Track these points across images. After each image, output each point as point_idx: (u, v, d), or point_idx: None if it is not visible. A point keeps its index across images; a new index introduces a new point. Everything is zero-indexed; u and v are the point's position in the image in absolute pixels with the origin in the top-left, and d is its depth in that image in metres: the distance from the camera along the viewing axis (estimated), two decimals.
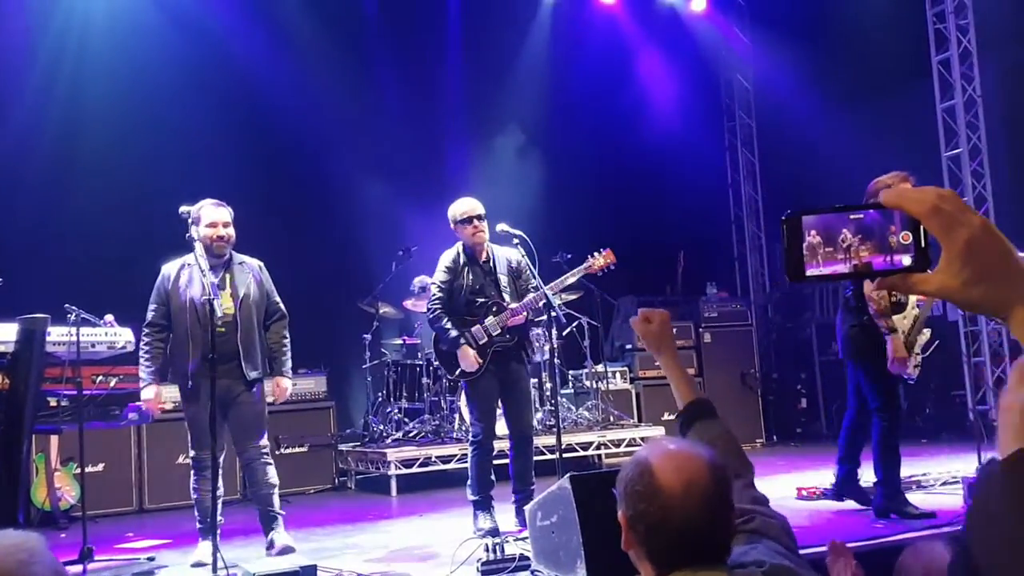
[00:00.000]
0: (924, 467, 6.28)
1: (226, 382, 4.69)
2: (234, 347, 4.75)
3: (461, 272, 5.33)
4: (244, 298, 4.83)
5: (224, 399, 4.69)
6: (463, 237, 5.36)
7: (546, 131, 10.17)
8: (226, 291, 4.80)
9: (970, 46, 9.65)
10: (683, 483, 1.56)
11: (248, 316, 4.84)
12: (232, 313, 4.77)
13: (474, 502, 5.22)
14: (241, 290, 4.84)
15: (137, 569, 4.50)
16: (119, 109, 8.00)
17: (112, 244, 7.48)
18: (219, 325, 4.59)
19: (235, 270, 4.89)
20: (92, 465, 6.57)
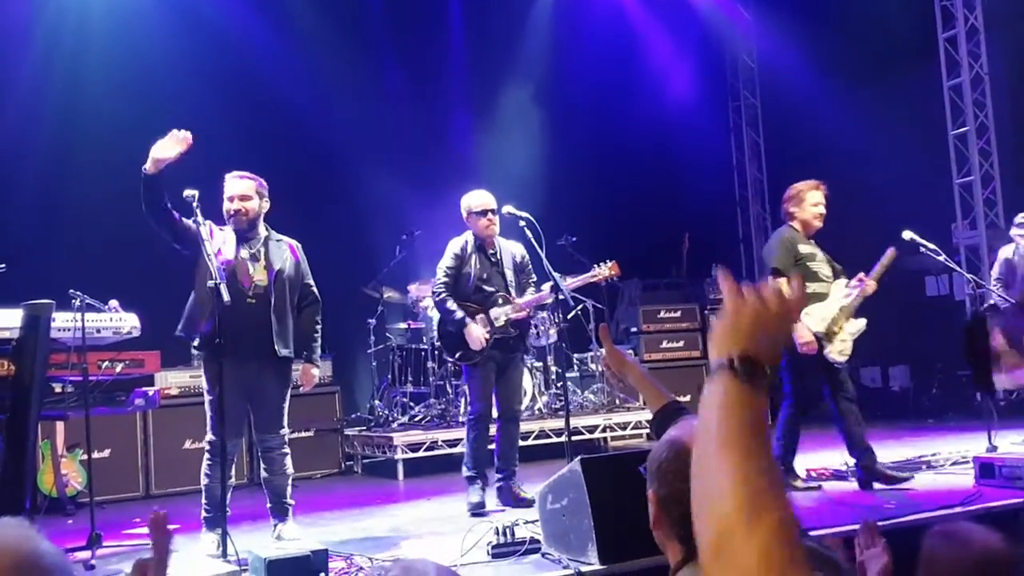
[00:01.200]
0: (933, 447, 6.26)
1: (255, 361, 4.60)
2: (266, 320, 4.63)
3: (468, 260, 5.51)
4: (279, 273, 4.72)
5: (249, 380, 4.61)
6: (475, 228, 5.54)
7: (550, 113, 10.11)
8: (260, 262, 4.69)
9: (977, 23, 9.57)
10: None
11: (282, 291, 4.72)
12: (265, 285, 4.67)
13: (468, 477, 5.41)
14: (276, 264, 4.73)
15: (146, 554, 4.48)
16: (121, 94, 7.94)
17: (116, 230, 7.43)
18: (249, 296, 4.55)
19: (271, 245, 4.79)
20: (98, 451, 6.57)
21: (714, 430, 1.01)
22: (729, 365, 1.06)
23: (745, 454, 0.98)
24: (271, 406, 4.74)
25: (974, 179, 9.59)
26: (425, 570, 1.20)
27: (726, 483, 0.96)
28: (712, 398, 1.06)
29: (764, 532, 0.91)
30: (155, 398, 5.25)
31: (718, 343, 1.11)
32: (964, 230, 9.67)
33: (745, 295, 1.12)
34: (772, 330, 1.11)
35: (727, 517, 0.93)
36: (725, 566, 0.91)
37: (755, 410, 1.03)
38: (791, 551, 0.91)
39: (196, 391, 6.83)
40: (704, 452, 1.01)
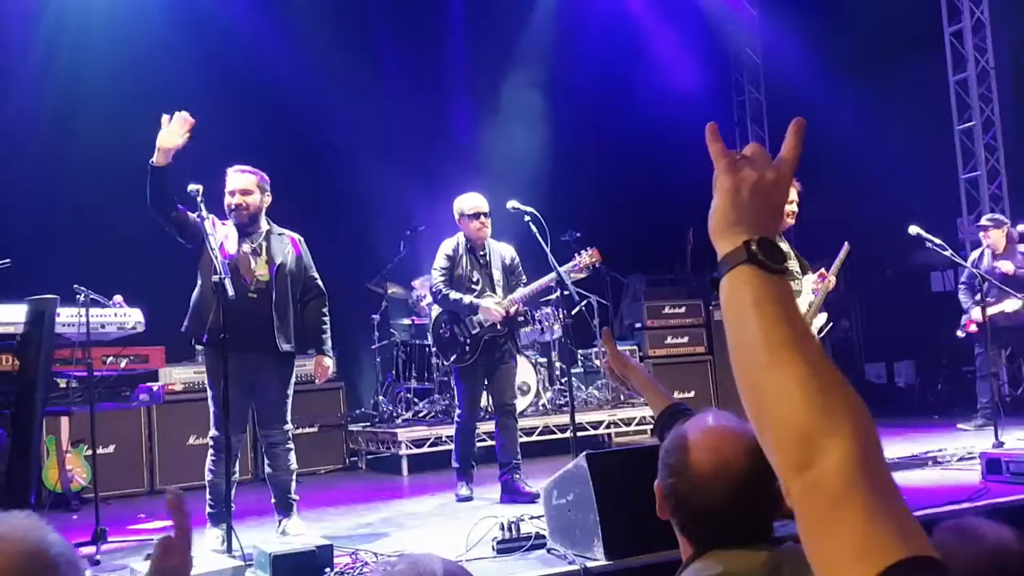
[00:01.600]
0: (939, 443, 6.23)
1: (257, 356, 4.60)
2: (268, 315, 4.62)
3: (460, 262, 5.66)
4: (281, 266, 4.71)
5: (251, 375, 4.61)
6: (467, 231, 5.69)
7: (553, 108, 10.08)
8: (261, 257, 4.69)
9: (983, 18, 9.53)
10: (715, 464, 1.52)
11: (284, 286, 4.71)
12: (267, 280, 4.66)
13: (456, 470, 5.74)
14: (278, 258, 4.72)
15: (150, 550, 4.48)
16: (123, 89, 7.92)
17: (121, 225, 7.43)
18: (251, 290, 4.55)
19: (273, 239, 4.78)
20: (103, 447, 6.56)
21: (757, 335, 0.89)
22: (749, 254, 0.93)
23: (802, 353, 0.87)
24: (273, 401, 4.73)
25: (980, 174, 9.56)
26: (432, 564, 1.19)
27: (794, 391, 0.85)
28: (739, 298, 0.93)
29: (850, 433, 0.82)
30: (159, 393, 5.25)
31: (723, 230, 0.98)
32: (970, 225, 9.63)
33: (741, 166, 1.00)
34: (775, 202, 1.00)
35: (803, 425, 0.83)
36: (813, 481, 0.81)
37: (792, 300, 0.92)
38: (879, 452, 0.83)
39: (200, 387, 6.83)
40: (751, 366, 0.89)
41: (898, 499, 0.81)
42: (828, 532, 0.80)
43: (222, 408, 4.37)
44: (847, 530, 0.78)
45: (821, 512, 0.80)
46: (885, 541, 0.77)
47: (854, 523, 0.78)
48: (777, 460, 0.86)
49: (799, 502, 0.83)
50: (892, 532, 0.77)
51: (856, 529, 0.78)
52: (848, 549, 0.77)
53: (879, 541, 0.77)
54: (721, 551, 1.49)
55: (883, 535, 0.77)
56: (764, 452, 0.88)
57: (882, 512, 0.79)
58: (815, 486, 0.81)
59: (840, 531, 0.79)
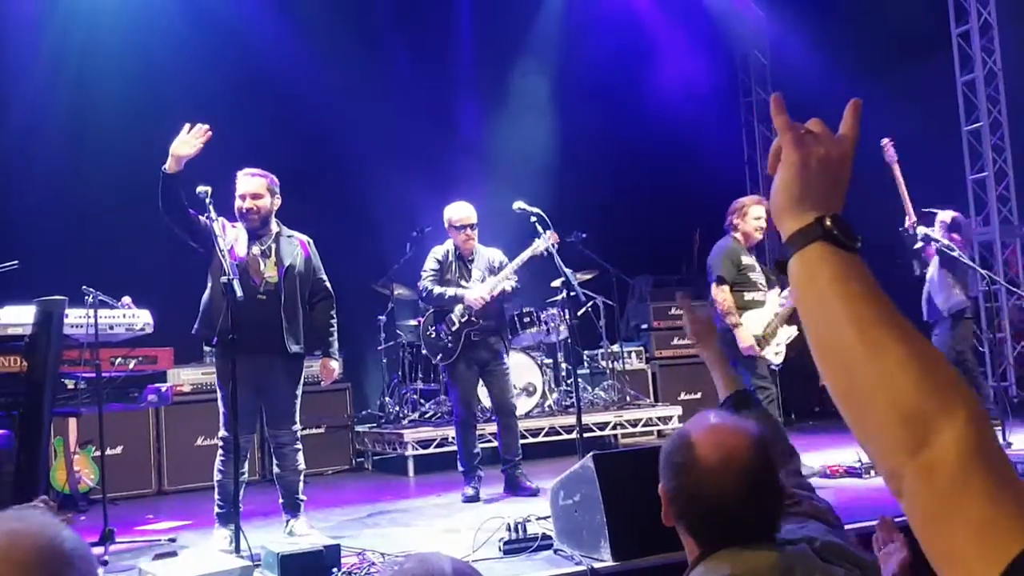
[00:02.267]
0: None
1: (266, 357, 4.62)
2: (276, 317, 4.65)
3: (449, 267, 5.86)
4: (289, 268, 4.74)
5: (260, 376, 4.63)
6: (455, 240, 5.88)
7: (560, 109, 10.08)
8: (271, 259, 4.72)
9: (991, 19, 9.51)
10: (721, 458, 1.53)
11: (292, 287, 4.74)
12: (276, 281, 4.69)
13: (463, 472, 5.82)
14: (287, 260, 4.75)
15: (159, 550, 4.50)
16: (133, 89, 7.95)
17: (129, 226, 7.46)
18: (260, 292, 4.58)
19: (282, 241, 4.81)
20: (111, 448, 6.59)
21: (842, 316, 0.84)
22: (824, 230, 0.88)
23: (899, 331, 0.82)
24: (282, 402, 4.75)
25: (987, 175, 9.53)
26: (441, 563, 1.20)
27: (897, 371, 0.80)
28: (816, 278, 0.87)
29: (965, 410, 0.78)
30: (168, 395, 5.27)
31: (790, 207, 0.93)
32: (977, 226, 9.61)
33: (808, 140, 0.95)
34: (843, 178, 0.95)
35: (913, 405, 0.78)
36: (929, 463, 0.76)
37: (872, 278, 0.87)
38: (992, 431, 0.79)
39: (208, 388, 6.85)
40: (839, 348, 0.84)
41: (1018, 481, 0.76)
42: (950, 516, 0.74)
43: (231, 409, 4.39)
44: (970, 514, 0.73)
45: (940, 495, 0.75)
46: (1013, 524, 0.72)
47: (978, 505, 0.73)
48: (882, 445, 0.81)
49: (913, 486, 0.78)
50: (1017, 516, 0.73)
51: (980, 511, 0.73)
52: (973, 532, 0.73)
53: (1005, 525, 0.72)
54: (728, 552, 1.50)
55: (1009, 517, 0.72)
56: (863, 442, 0.83)
57: (1004, 495, 0.74)
58: (932, 468, 0.76)
59: (962, 515, 0.74)
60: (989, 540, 0.72)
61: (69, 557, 1.04)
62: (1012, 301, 9.29)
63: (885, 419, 0.80)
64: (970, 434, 0.76)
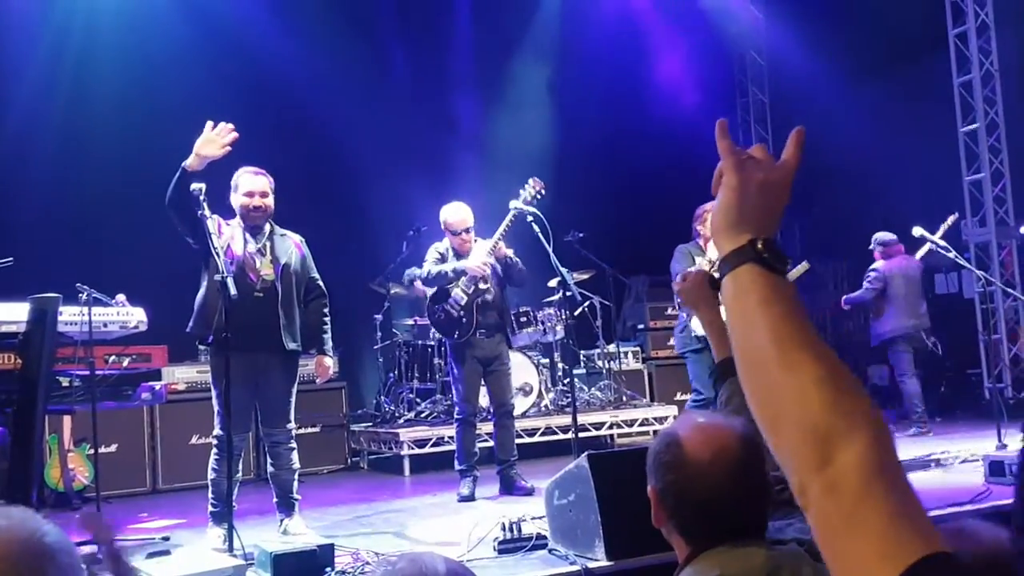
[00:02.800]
0: (943, 446, 6.22)
1: (262, 355, 4.62)
2: (274, 314, 4.65)
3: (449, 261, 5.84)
4: (285, 266, 4.75)
5: (256, 374, 4.62)
6: (452, 241, 5.87)
7: (557, 109, 10.08)
8: (266, 257, 4.72)
9: (988, 20, 9.51)
10: (711, 453, 1.54)
11: (289, 285, 4.75)
12: (272, 279, 4.69)
13: (460, 471, 5.80)
14: (282, 258, 4.75)
15: (151, 549, 4.48)
16: (128, 88, 7.94)
17: (124, 224, 7.44)
18: (257, 290, 4.57)
19: (276, 239, 4.82)
20: (105, 446, 6.56)
21: (766, 335, 0.89)
22: (755, 253, 0.93)
23: (816, 352, 0.87)
24: (278, 400, 4.74)
25: (984, 176, 9.54)
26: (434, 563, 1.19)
27: (811, 391, 0.85)
28: (744, 298, 0.92)
29: (868, 431, 0.82)
30: (162, 393, 5.26)
31: (727, 228, 0.96)
32: (974, 227, 9.61)
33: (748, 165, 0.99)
34: (779, 204, 0.99)
35: (821, 424, 0.83)
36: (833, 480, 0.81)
37: (797, 300, 0.91)
38: (895, 452, 0.84)
39: (203, 386, 6.84)
40: (762, 366, 0.89)
41: (915, 497, 0.81)
42: (850, 531, 0.79)
43: (225, 407, 4.38)
44: (869, 528, 0.78)
45: (842, 511, 0.80)
46: (906, 539, 0.77)
47: (876, 521, 0.78)
48: (794, 461, 0.85)
49: (818, 502, 0.82)
50: (913, 530, 0.78)
51: (879, 527, 0.78)
52: (871, 547, 0.77)
53: (901, 539, 0.77)
54: (717, 552, 1.50)
55: (905, 533, 0.77)
56: (777, 454, 0.87)
57: (902, 510, 0.79)
58: (835, 485, 0.81)
59: (862, 530, 0.78)
60: (886, 553, 0.76)
61: (51, 552, 1.03)
62: (1008, 302, 9.30)
63: (796, 435, 0.85)
64: (872, 453, 0.81)
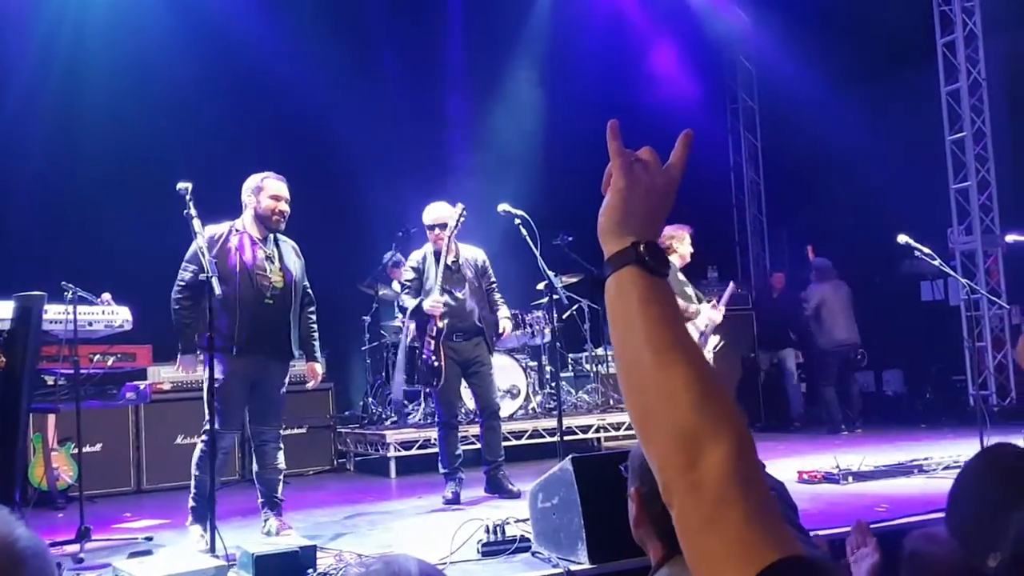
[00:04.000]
0: (925, 452, 6.26)
1: (262, 358, 4.68)
2: (284, 321, 4.75)
3: (428, 272, 5.82)
4: (293, 274, 4.83)
5: (255, 373, 4.68)
6: (430, 239, 5.88)
7: (546, 112, 10.10)
8: (275, 264, 4.77)
9: (975, 29, 9.58)
10: None
11: (296, 293, 4.84)
12: (282, 287, 4.76)
13: (444, 474, 5.81)
14: (291, 266, 4.84)
15: (134, 549, 4.47)
16: (117, 87, 7.91)
17: (110, 223, 7.42)
18: (267, 296, 4.64)
19: (282, 246, 4.88)
20: (90, 445, 6.54)
21: (642, 336, 0.91)
22: (637, 255, 0.94)
23: (687, 355, 0.89)
24: (274, 400, 4.82)
25: (970, 184, 9.60)
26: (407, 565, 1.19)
27: (681, 392, 0.87)
28: (624, 299, 0.94)
29: (732, 436, 0.85)
30: (146, 392, 5.24)
31: (611, 230, 0.98)
32: (960, 235, 9.67)
33: (635, 168, 1.01)
34: (663, 207, 1.01)
35: (689, 426, 0.85)
36: (698, 480, 0.84)
37: (675, 303, 0.94)
38: (756, 457, 0.86)
39: (188, 386, 6.82)
40: (637, 366, 0.91)
41: (773, 503, 0.84)
42: (709, 531, 0.82)
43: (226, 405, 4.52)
44: (727, 530, 0.81)
45: (703, 511, 0.83)
46: (762, 542, 0.80)
47: (735, 522, 0.81)
48: (662, 460, 0.87)
49: (683, 501, 0.85)
50: (768, 534, 0.81)
51: (737, 528, 0.81)
52: (728, 548, 0.80)
53: (757, 541, 0.80)
54: None
55: (761, 536, 0.80)
56: (647, 452, 0.90)
57: (759, 514, 0.82)
58: (698, 485, 0.84)
59: (721, 531, 0.81)
60: (742, 554, 0.80)
61: (21, 555, 1.03)
62: (993, 309, 9.35)
63: (665, 436, 0.87)
64: (734, 457, 0.84)
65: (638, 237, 0.97)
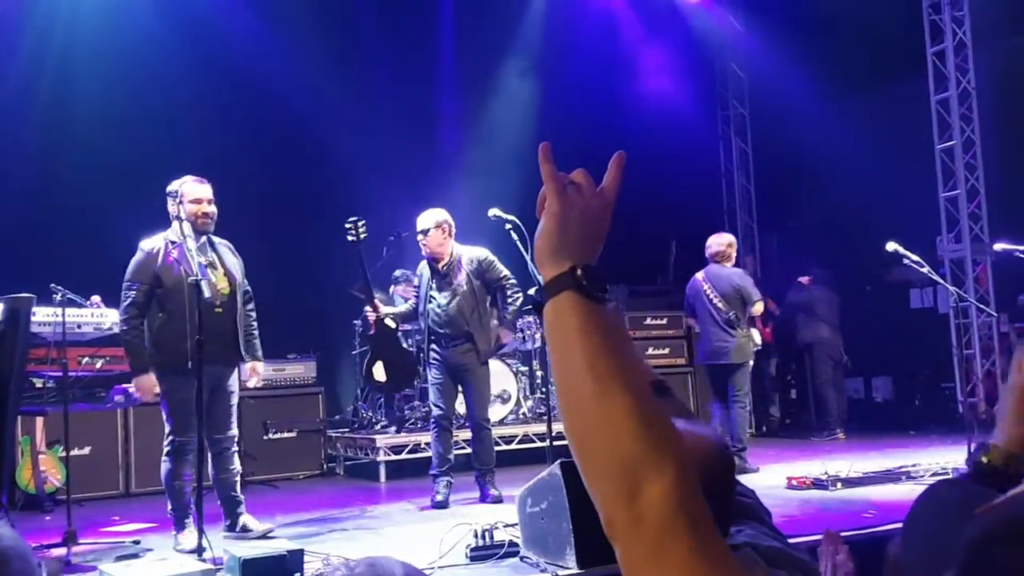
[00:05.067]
0: (914, 458, 6.28)
1: (219, 367, 4.65)
2: (232, 328, 4.70)
3: (427, 283, 5.91)
4: (234, 278, 4.78)
5: (212, 384, 4.63)
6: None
7: (538, 117, 10.10)
8: (219, 270, 4.71)
9: (965, 38, 9.63)
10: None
11: (239, 296, 4.79)
12: (228, 293, 4.70)
13: (433, 476, 5.80)
14: (232, 269, 4.78)
15: (122, 552, 4.45)
16: (108, 89, 7.89)
17: (99, 225, 7.39)
18: (217, 305, 4.57)
19: (220, 249, 4.79)
20: (78, 448, 6.50)
21: (582, 364, 0.89)
22: (575, 280, 0.92)
23: (629, 383, 0.88)
24: (229, 407, 4.82)
25: (960, 193, 9.65)
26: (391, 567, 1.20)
27: (622, 421, 0.85)
28: (564, 325, 0.92)
29: (674, 465, 0.84)
30: (135, 395, 5.22)
31: (549, 254, 0.96)
32: (949, 243, 9.72)
33: (570, 191, 1.00)
34: (600, 230, 1.00)
35: (630, 456, 0.84)
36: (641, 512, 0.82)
37: (618, 329, 0.95)
38: (697, 485, 0.85)
39: None
40: (577, 395, 0.89)
41: (715, 531, 0.83)
42: (653, 565, 0.81)
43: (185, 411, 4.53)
44: (672, 562, 0.80)
45: (646, 544, 0.81)
46: (709, 572, 0.79)
47: (680, 555, 0.80)
48: (603, 490, 0.85)
49: (625, 535, 0.83)
50: (715, 564, 0.80)
51: (682, 561, 0.80)
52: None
53: (703, 572, 0.79)
54: None
55: (708, 568, 0.79)
56: (587, 483, 0.88)
57: (705, 543, 0.81)
58: (640, 518, 0.82)
59: (666, 564, 0.80)
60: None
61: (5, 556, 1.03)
62: (982, 317, 9.40)
63: (606, 466, 0.85)
64: (676, 489, 0.82)
65: (575, 262, 0.95)
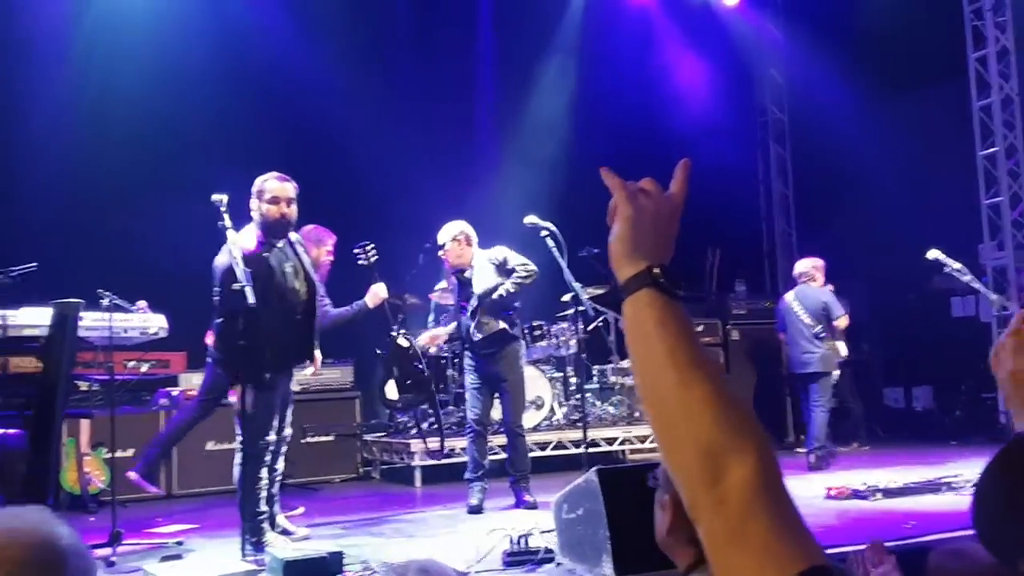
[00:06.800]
0: (955, 469, 6.19)
1: (289, 373, 4.77)
2: (310, 334, 4.70)
3: (452, 291, 6.15)
4: (313, 282, 4.76)
5: (284, 388, 4.72)
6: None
7: (576, 125, 10.11)
8: (300, 274, 4.66)
9: (1008, 44, 9.49)
10: None
11: (315, 298, 4.78)
12: (307, 299, 4.68)
13: (468, 480, 5.87)
14: (309, 270, 4.74)
15: (165, 553, 4.54)
16: (151, 94, 8.02)
17: (147, 230, 7.52)
18: (298, 313, 4.59)
19: (299, 250, 4.74)
20: (122, 450, 6.60)
21: (663, 355, 0.94)
22: (652, 278, 0.98)
23: (707, 372, 0.93)
24: (289, 405, 4.86)
25: (1002, 200, 9.50)
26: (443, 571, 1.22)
27: (703, 409, 0.90)
28: (643, 320, 0.98)
29: (755, 450, 0.88)
30: (179, 399, 5.33)
31: (625, 256, 1.02)
32: (991, 251, 9.57)
33: (640, 197, 1.06)
34: (670, 232, 1.06)
35: (713, 442, 0.88)
36: (722, 495, 0.86)
37: (690, 323, 0.98)
38: (779, 469, 0.89)
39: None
40: (659, 384, 0.94)
41: (797, 513, 0.86)
42: (735, 545, 0.84)
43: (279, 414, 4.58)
44: (753, 543, 0.83)
45: (729, 526, 0.85)
46: (788, 552, 0.82)
47: (761, 535, 0.83)
48: (686, 476, 0.90)
49: (708, 516, 0.87)
50: (795, 544, 0.83)
51: (763, 540, 0.83)
52: (755, 560, 0.83)
53: (783, 552, 0.82)
54: None
55: (787, 546, 0.83)
56: (671, 469, 0.92)
57: (785, 525, 0.84)
58: (723, 500, 0.86)
59: (746, 544, 0.84)
60: (769, 565, 0.82)
61: (64, 554, 1.05)
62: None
63: (688, 452, 0.90)
64: (758, 472, 0.86)
65: (651, 261, 1.01)
